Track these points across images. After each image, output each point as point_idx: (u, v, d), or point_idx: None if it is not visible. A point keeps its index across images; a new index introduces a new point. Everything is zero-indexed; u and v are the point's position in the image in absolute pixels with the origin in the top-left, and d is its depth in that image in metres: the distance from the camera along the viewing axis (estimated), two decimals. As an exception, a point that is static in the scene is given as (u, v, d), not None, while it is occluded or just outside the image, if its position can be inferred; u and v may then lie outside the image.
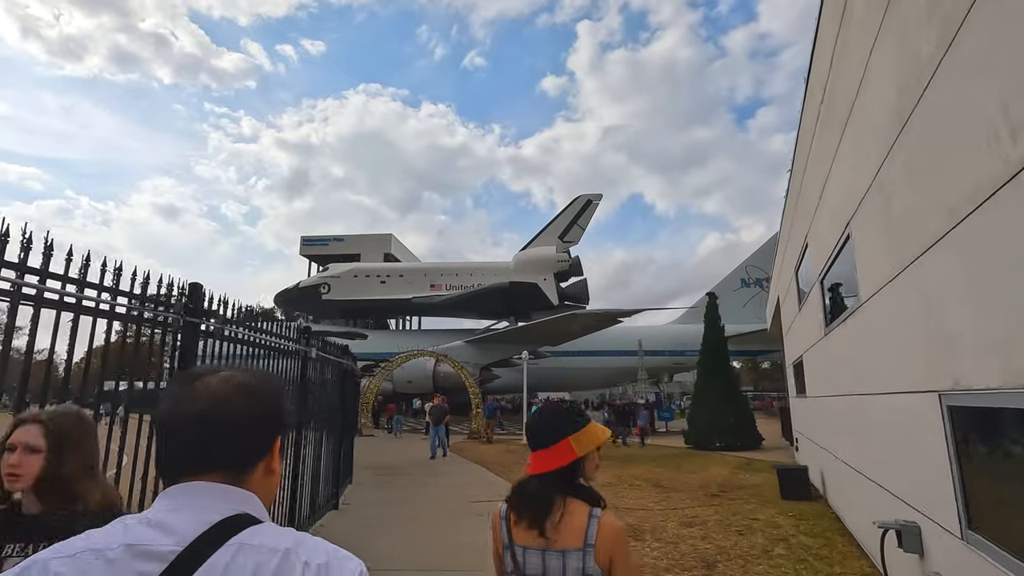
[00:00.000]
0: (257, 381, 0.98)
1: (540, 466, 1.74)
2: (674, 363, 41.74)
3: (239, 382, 0.95)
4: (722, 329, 19.08)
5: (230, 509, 0.87)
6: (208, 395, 0.91)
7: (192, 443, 0.90)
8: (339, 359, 9.31)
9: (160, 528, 0.83)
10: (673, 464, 15.04)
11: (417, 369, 31.17)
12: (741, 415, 18.00)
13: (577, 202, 44.20)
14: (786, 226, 11.91)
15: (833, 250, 6.52)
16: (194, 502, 0.86)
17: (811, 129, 7.37)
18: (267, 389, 0.99)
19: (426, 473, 13.11)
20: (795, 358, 12.17)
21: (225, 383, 0.94)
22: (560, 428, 1.78)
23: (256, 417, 0.94)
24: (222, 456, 0.91)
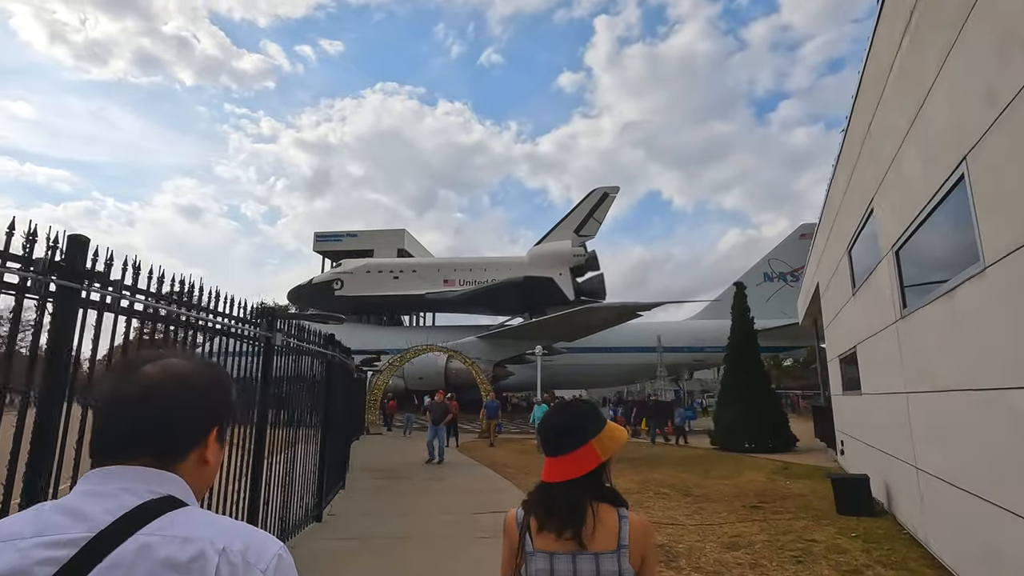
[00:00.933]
0: (196, 369, 0.95)
1: (563, 473, 1.57)
2: (694, 360, 40.09)
3: (176, 370, 0.93)
4: (751, 321, 17.50)
5: (150, 492, 0.83)
6: (142, 382, 0.89)
7: (121, 429, 0.88)
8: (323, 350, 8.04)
9: (73, 514, 0.79)
10: (701, 468, 13.56)
11: (428, 365, 29.99)
12: (773, 414, 16.43)
13: (593, 195, 42.66)
14: (834, 199, 10.38)
15: (924, 207, 5.06)
16: (112, 486, 0.83)
17: (890, 55, 5.88)
18: (205, 377, 0.96)
19: (429, 477, 11.81)
20: (843, 351, 10.64)
21: (161, 370, 0.92)
22: (582, 431, 1.62)
23: (189, 405, 0.91)
24: (150, 443, 0.88)
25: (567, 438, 1.61)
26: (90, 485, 0.84)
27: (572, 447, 1.59)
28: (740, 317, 17.58)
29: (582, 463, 1.58)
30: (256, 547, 0.81)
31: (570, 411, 1.69)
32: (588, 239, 42.30)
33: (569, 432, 1.61)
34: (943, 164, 4.52)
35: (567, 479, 1.57)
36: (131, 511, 0.80)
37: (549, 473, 1.61)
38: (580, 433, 1.61)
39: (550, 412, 1.73)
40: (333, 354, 8.11)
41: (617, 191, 42.97)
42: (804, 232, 42.09)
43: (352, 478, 11.31)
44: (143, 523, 0.78)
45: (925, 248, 5.53)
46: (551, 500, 1.57)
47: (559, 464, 1.59)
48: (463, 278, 41.54)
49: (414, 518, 8.09)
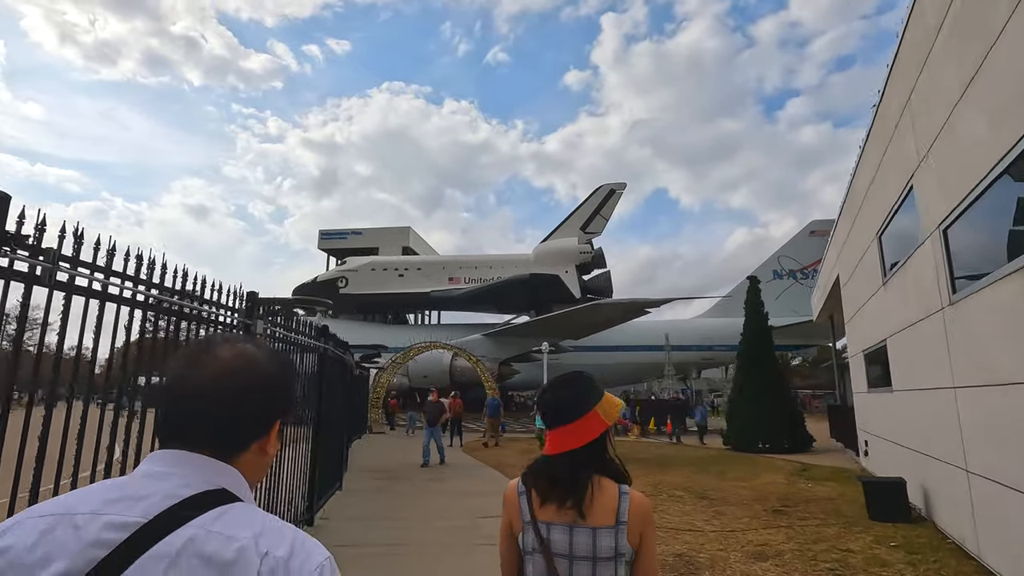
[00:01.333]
0: (267, 357, 0.93)
1: (569, 443, 1.53)
2: (702, 358, 39.36)
3: (249, 357, 0.91)
4: (765, 316, 16.80)
5: (206, 483, 0.82)
6: (215, 367, 0.88)
7: (188, 414, 0.86)
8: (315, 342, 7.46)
9: (132, 496, 0.79)
10: (715, 469, 12.91)
11: (433, 363, 29.44)
12: (788, 413, 15.74)
13: (600, 192, 41.98)
14: (859, 185, 9.71)
15: (987, 176, 4.42)
16: (171, 471, 0.82)
17: (939, 13, 5.23)
18: (275, 367, 0.93)
19: (430, 479, 11.23)
20: (869, 345, 9.97)
21: (236, 356, 0.90)
22: (585, 399, 1.58)
23: (259, 396, 0.89)
24: (216, 432, 0.86)
25: (570, 407, 1.57)
26: (152, 465, 0.84)
27: (575, 416, 1.55)
28: (754, 313, 16.89)
29: (586, 431, 1.54)
30: (301, 554, 0.78)
31: (571, 381, 1.64)
32: (595, 236, 41.64)
33: (572, 401, 1.57)
34: (1015, 122, 3.89)
35: (571, 449, 1.53)
36: (183, 501, 0.78)
37: (552, 445, 1.57)
38: (583, 401, 1.57)
39: (550, 384, 1.68)
40: (326, 347, 7.52)
41: (624, 187, 42.26)
42: (814, 229, 41.28)
43: (350, 479, 10.74)
44: (193, 515, 0.77)
45: (983, 224, 4.89)
46: (554, 471, 1.53)
47: (562, 435, 1.55)
48: (468, 276, 40.99)
49: (412, 523, 7.51)
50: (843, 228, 11.80)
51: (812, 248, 40.66)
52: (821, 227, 41.21)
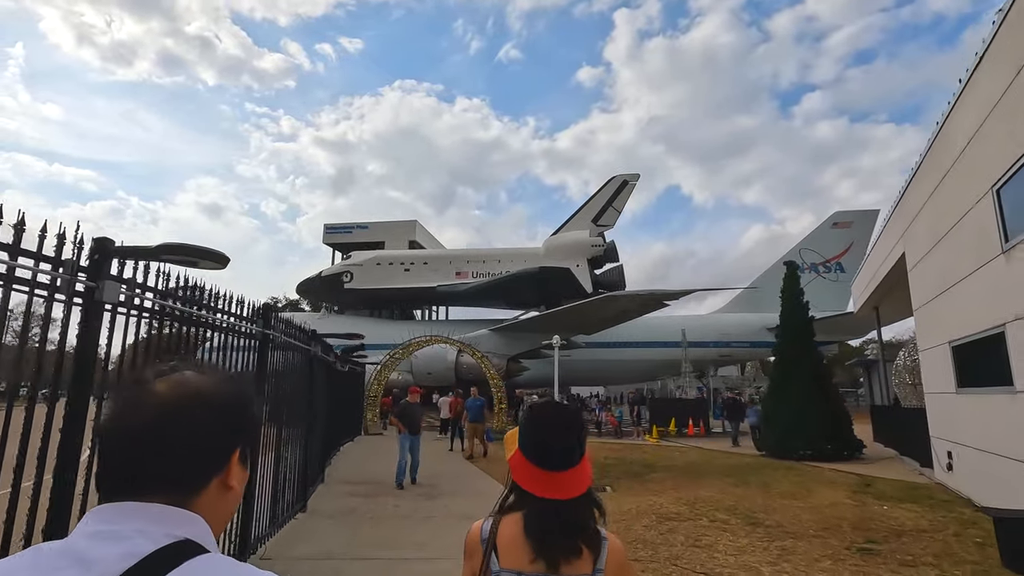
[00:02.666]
0: (215, 384, 0.82)
1: (569, 490, 1.39)
2: (719, 355, 37.09)
3: (191, 387, 0.79)
4: (806, 306, 14.61)
5: (167, 536, 0.71)
6: (154, 404, 0.76)
7: (132, 460, 0.74)
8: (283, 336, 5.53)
9: (80, 561, 0.67)
10: (756, 481, 10.83)
11: (437, 360, 27.51)
12: (834, 415, 13.58)
13: (612, 183, 39.79)
14: (956, 128, 7.57)
15: None
16: (124, 527, 0.70)
17: None
18: (227, 393, 0.82)
19: (419, 494, 9.25)
20: (966, 334, 7.84)
21: (174, 388, 0.78)
22: (583, 440, 1.46)
23: (210, 430, 0.78)
24: (166, 476, 0.74)
25: (578, 448, 1.42)
26: (99, 524, 0.71)
27: (578, 459, 1.42)
28: (792, 302, 14.69)
29: (584, 476, 1.42)
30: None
31: (573, 420, 1.46)
32: (607, 229, 39.47)
33: (576, 442, 1.42)
34: None
35: (575, 495, 1.39)
36: (145, 559, 0.68)
37: (554, 488, 1.38)
38: (583, 441, 1.45)
39: (548, 416, 1.47)
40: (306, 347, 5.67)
41: (637, 179, 40.08)
42: (837, 221, 38.88)
43: (322, 494, 8.81)
44: (160, 573, 0.67)
45: None
46: (565, 524, 1.35)
47: (566, 480, 1.39)
48: (476, 270, 39.02)
49: (381, 566, 5.54)
50: (918, 194, 9.63)
51: (835, 240, 38.32)
52: (844, 219, 38.86)
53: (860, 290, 16.21)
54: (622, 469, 12.64)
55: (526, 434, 1.46)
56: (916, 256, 9.91)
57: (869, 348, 44.91)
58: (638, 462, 13.58)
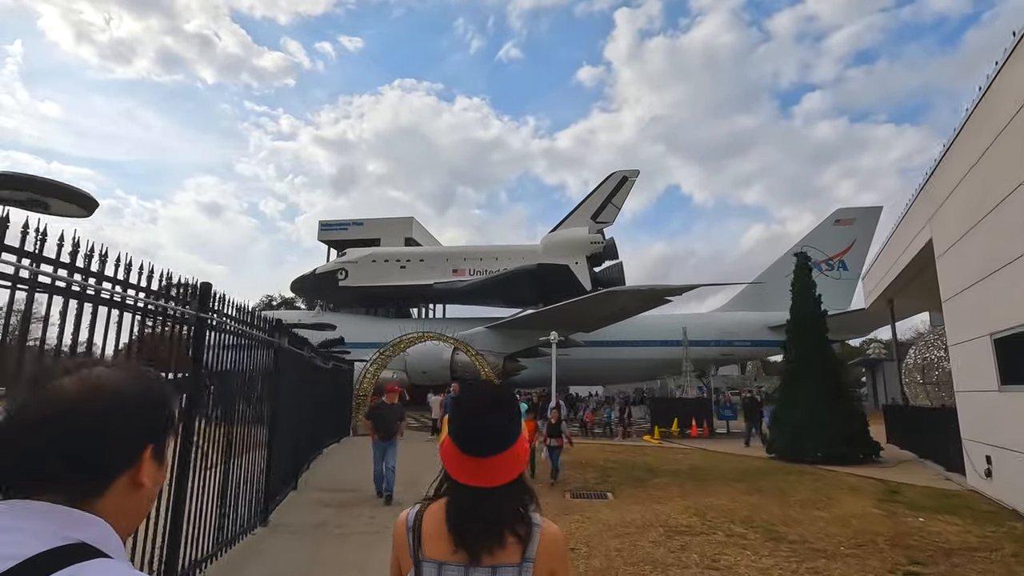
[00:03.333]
0: (121, 379, 0.77)
1: (502, 474, 1.29)
2: (721, 354, 36.15)
3: (95, 382, 0.75)
4: (818, 301, 13.66)
5: (60, 538, 0.66)
6: (57, 400, 0.73)
7: (31, 457, 0.71)
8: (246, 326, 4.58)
9: None
10: (770, 487, 9.89)
11: (432, 358, 26.57)
12: (850, 417, 12.64)
13: (612, 179, 38.85)
14: (1007, 86, 6.63)
15: None
16: (17, 524, 0.66)
17: None
18: (134, 388, 0.77)
19: (400, 504, 8.30)
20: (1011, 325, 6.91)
21: (79, 384, 0.74)
22: (515, 424, 1.33)
23: (115, 427, 0.74)
24: (66, 474, 0.71)
25: (507, 433, 1.30)
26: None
27: (507, 445, 1.30)
28: (804, 295, 13.74)
29: (515, 463, 1.31)
30: None
31: (505, 401, 1.34)
32: (606, 226, 38.53)
33: (505, 426, 1.30)
34: None
35: (501, 483, 1.29)
36: (28, 560, 0.63)
37: (477, 475, 1.28)
38: (514, 425, 1.32)
39: (472, 398, 1.35)
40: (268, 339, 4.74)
41: (637, 175, 39.12)
42: (840, 218, 37.96)
43: (292, 504, 7.85)
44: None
45: None
46: (478, 512, 1.26)
47: (493, 466, 1.28)
48: (473, 267, 38.05)
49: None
50: (949, 175, 8.69)
51: (838, 238, 37.38)
52: (847, 216, 37.94)
53: (873, 283, 15.28)
54: (623, 473, 11.70)
55: (453, 418, 1.35)
56: (946, 242, 8.97)
57: (871, 347, 43.96)
58: (640, 465, 12.64)
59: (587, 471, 12.06)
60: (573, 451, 15.03)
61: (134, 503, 0.76)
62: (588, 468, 12.42)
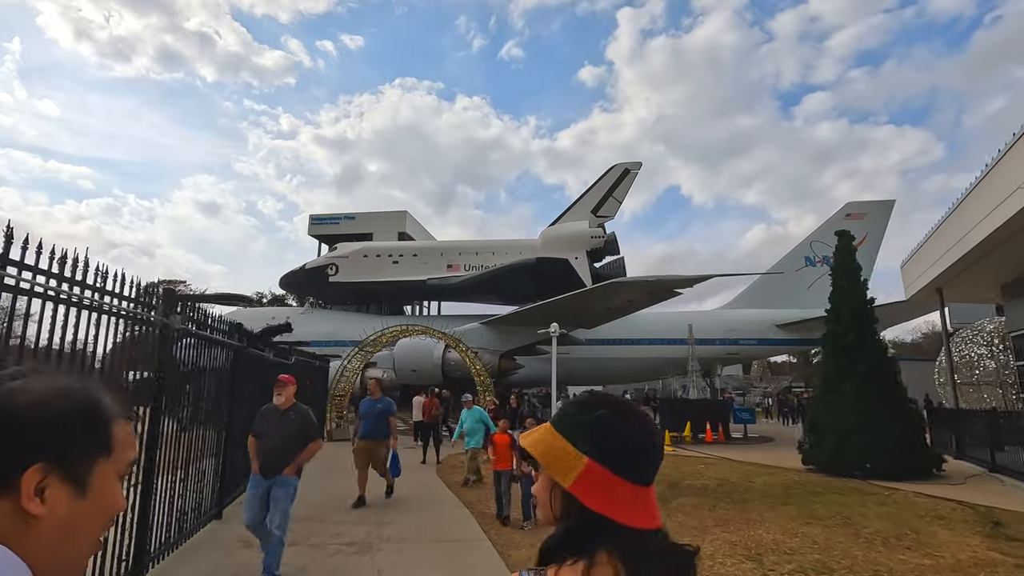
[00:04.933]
0: (18, 390, 0.66)
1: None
2: (727, 353, 34.02)
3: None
4: (864, 285, 11.51)
5: None
6: None
7: None
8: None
9: None
10: (830, 513, 7.75)
11: (422, 356, 24.36)
12: (907, 422, 10.51)
13: (613, 171, 36.73)
14: None
15: None
16: None
17: None
18: (9, 402, 0.66)
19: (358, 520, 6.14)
20: None
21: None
22: None
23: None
24: None
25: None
26: None
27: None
28: (848, 279, 11.58)
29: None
30: None
31: (643, 411, 1.00)
32: (607, 220, 36.44)
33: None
34: None
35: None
36: None
37: (656, 511, 0.92)
38: None
39: (635, 409, 0.96)
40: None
41: (639, 167, 37.04)
42: (851, 212, 35.81)
43: (215, 533, 5.70)
44: None
45: None
46: (667, 558, 0.87)
47: (652, 496, 0.94)
48: (469, 263, 35.92)
49: None
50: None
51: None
52: (858, 210, 35.84)
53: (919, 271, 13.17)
54: (640, 490, 9.55)
55: (619, 440, 0.90)
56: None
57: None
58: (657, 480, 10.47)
59: (595, 487, 9.91)
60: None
61: (28, 537, 0.62)
62: (596, 483, 10.27)
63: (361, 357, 17.15)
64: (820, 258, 35.46)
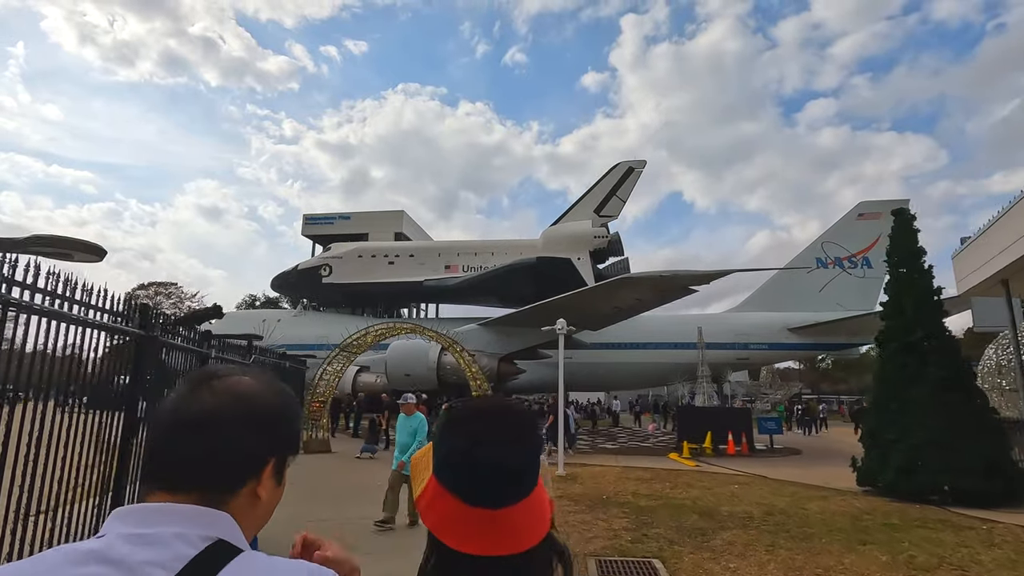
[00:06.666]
0: (263, 389, 0.80)
1: (517, 539, 0.77)
2: (736, 358, 32.03)
3: (241, 390, 0.78)
4: (930, 273, 9.56)
5: (203, 538, 0.68)
6: (205, 402, 0.76)
7: (172, 455, 0.74)
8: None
9: (117, 566, 0.62)
10: (929, 557, 5.81)
11: (416, 359, 22.44)
12: (990, 435, 8.56)
13: (617, 170, 34.94)
14: None
15: None
16: (160, 530, 0.67)
17: None
18: (273, 400, 0.80)
19: None
20: None
21: (227, 390, 0.77)
22: (537, 457, 0.84)
23: (247, 432, 0.75)
24: (204, 472, 0.73)
25: (529, 466, 0.80)
26: (133, 527, 0.68)
27: (533, 483, 0.80)
28: (910, 265, 9.63)
29: (544, 513, 0.81)
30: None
31: (521, 416, 0.84)
32: (610, 220, 34.62)
33: (531, 454, 0.81)
34: None
35: (526, 548, 0.77)
36: (193, 561, 0.65)
37: (492, 538, 0.76)
38: (536, 462, 0.82)
39: (474, 415, 0.83)
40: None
41: (644, 165, 35.24)
42: (863, 212, 34.02)
43: None
44: (211, 574, 0.65)
45: None
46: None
47: (513, 520, 0.77)
48: (467, 263, 34.06)
49: None
50: None
51: (861, 233, 33.38)
52: (871, 209, 34.04)
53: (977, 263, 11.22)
54: (668, 519, 7.60)
55: (444, 450, 0.80)
56: None
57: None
58: (688, 505, 8.52)
59: (612, 513, 7.97)
60: (588, 480, 10.89)
61: (251, 517, 0.75)
62: (613, 508, 8.32)
63: (344, 358, 15.20)
64: (832, 259, 33.67)
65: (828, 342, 32.79)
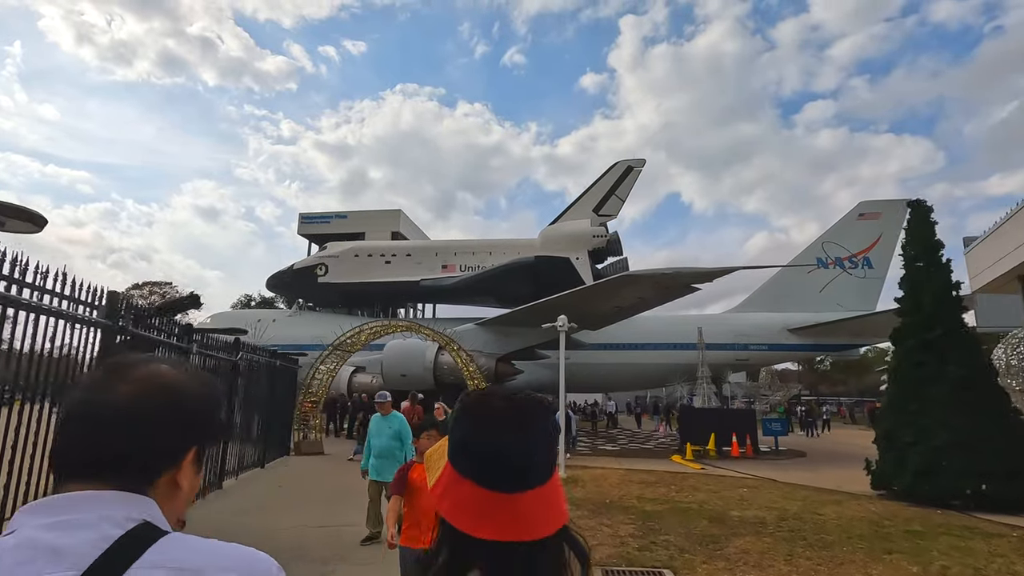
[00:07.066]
0: (184, 380, 0.78)
1: (537, 524, 0.76)
2: (736, 359, 31.60)
3: (162, 380, 0.75)
4: (948, 267, 9.12)
5: (130, 520, 0.67)
6: (123, 390, 0.73)
7: (96, 443, 0.71)
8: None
9: (46, 552, 0.62)
10: (963, 567, 5.37)
11: (412, 358, 21.96)
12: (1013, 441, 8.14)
13: (616, 169, 34.56)
14: None
15: None
16: (84, 515, 0.66)
17: None
18: (193, 390, 0.78)
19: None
20: None
21: (147, 379, 0.75)
22: (555, 444, 0.84)
23: (169, 421, 0.74)
24: (126, 461, 0.71)
25: (538, 458, 0.79)
26: (55, 515, 0.67)
27: (544, 476, 0.79)
28: (926, 257, 9.21)
29: (561, 500, 0.80)
30: (258, 568, 0.69)
31: (537, 406, 0.82)
32: (609, 219, 34.22)
33: (549, 444, 0.81)
34: None
35: (547, 534, 0.76)
36: (119, 541, 0.65)
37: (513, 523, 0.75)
38: (551, 450, 0.82)
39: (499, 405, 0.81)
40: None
41: (643, 164, 34.89)
42: (864, 212, 33.65)
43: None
44: (136, 555, 0.64)
45: None
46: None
47: (533, 505, 0.76)
48: (465, 263, 33.60)
49: None
50: None
51: (862, 233, 33.07)
52: (871, 209, 33.73)
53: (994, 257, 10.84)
54: (677, 524, 7.14)
55: (459, 436, 0.80)
56: None
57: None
58: (696, 509, 8.08)
59: (617, 518, 7.50)
60: (590, 483, 10.44)
61: (170, 505, 0.74)
62: (617, 513, 7.85)
63: (336, 357, 14.72)
64: (832, 259, 33.30)
65: (828, 343, 32.37)
